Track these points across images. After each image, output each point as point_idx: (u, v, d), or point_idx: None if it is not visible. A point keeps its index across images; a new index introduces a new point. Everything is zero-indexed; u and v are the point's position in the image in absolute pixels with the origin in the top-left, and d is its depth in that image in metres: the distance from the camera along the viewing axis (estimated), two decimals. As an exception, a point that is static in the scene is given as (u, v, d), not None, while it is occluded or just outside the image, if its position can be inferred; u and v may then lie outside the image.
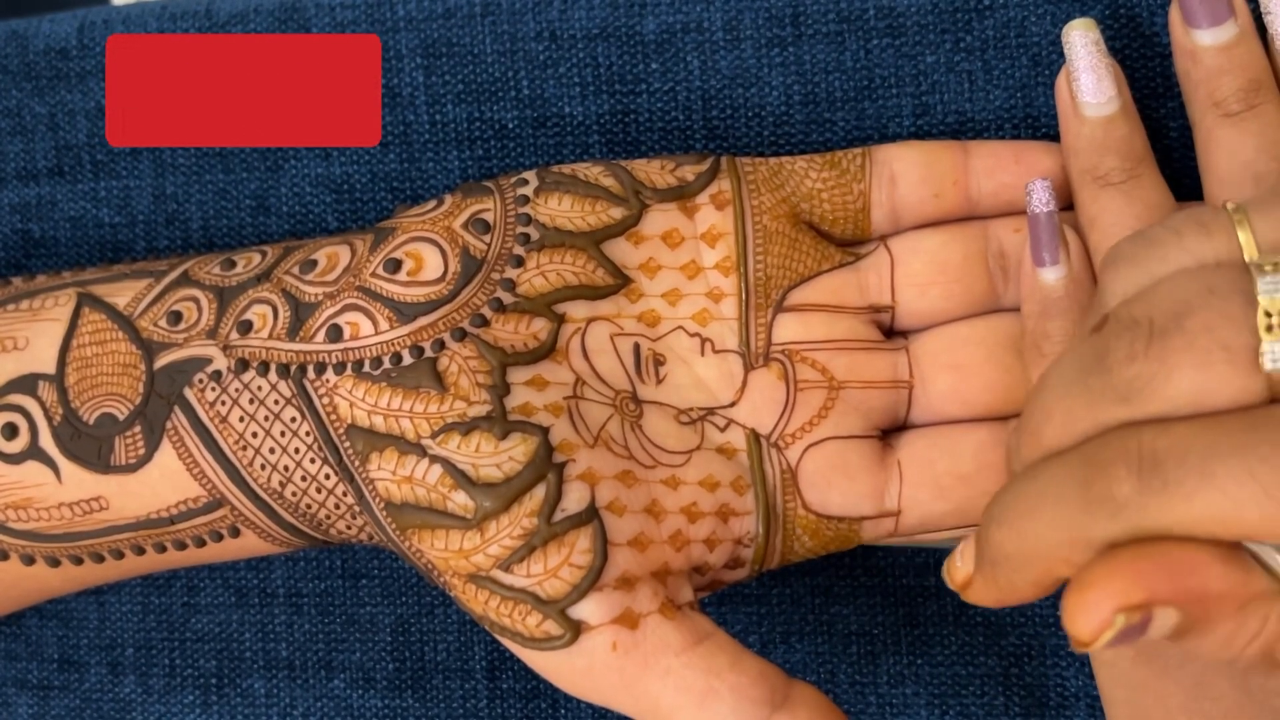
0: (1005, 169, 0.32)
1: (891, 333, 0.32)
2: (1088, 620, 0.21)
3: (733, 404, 0.31)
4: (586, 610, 0.28)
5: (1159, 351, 0.21)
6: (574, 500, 0.29)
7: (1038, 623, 0.34)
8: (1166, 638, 0.21)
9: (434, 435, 0.29)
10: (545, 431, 0.29)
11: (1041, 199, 0.30)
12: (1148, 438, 0.21)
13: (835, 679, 0.35)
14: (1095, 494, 0.21)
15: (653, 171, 0.32)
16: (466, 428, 0.29)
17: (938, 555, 0.35)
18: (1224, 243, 0.22)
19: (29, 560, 0.32)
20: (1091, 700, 0.34)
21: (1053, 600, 0.34)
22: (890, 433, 0.32)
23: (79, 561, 0.32)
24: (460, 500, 0.29)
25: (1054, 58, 0.33)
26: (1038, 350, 0.30)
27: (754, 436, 0.31)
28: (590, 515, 0.29)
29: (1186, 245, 0.23)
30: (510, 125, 0.36)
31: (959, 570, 0.25)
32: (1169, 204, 0.30)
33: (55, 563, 0.32)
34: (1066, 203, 0.31)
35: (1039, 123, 0.33)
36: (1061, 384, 0.23)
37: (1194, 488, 0.20)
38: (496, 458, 0.29)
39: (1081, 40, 0.31)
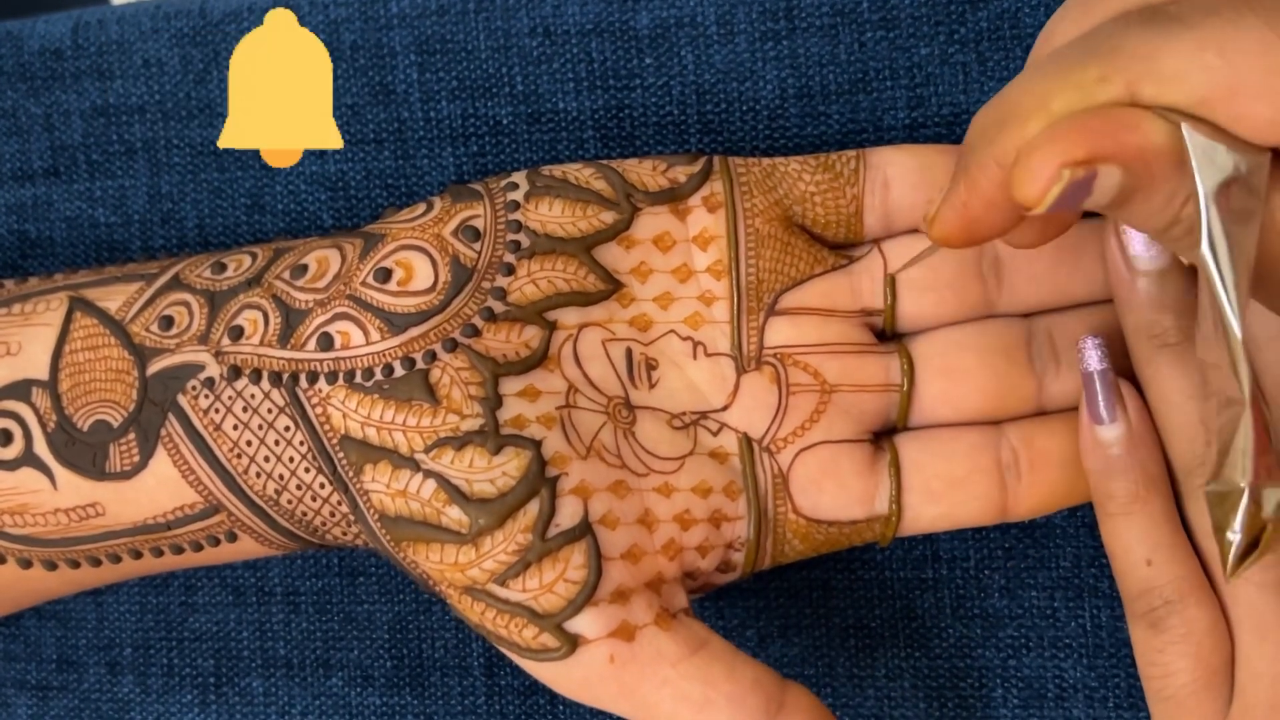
0: None
1: (883, 335, 0.32)
2: (1034, 178, 0.21)
3: (725, 408, 0.31)
4: (583, 624, 0.29)
5: None
6: (567, 515, 0.29)
7: (1035, 614, 0.34)
8: (1108, 205, 0.22)
9: (427, 450, 0.29)
10: (538, 445, 0.29)
11: (1094, 356, 0.30)
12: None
13: (833, 672, 0.35)
14: (1093, 46, 0.22)
15: (644, 173, 0.32)
16: (460, 442, 0.29)
17: (935, 548, 0.35)
18: None
19: (26, 564, 0.32)
20: (1089, 692, 0.34)
21: (1050, 592, 0.34)
22: (882, 435, 0.32)
23: (76, 565, 0.32)
24: (455, 515, 0.29)
25: (1048, 49, 0.33)
26: (1104, 510, 0.30)
27: (746, 441, 0.31)
28: (584, 530, 0.29)
29: None
30: (505, 121, 0.35)
31: (933, 205, 0.24)
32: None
33: (52, 566, 0.32)
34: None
35: (1033, 114, 0.33)
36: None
37: (1200, 29, 0.21)
38: (490, 473, 0.29)
39: None
